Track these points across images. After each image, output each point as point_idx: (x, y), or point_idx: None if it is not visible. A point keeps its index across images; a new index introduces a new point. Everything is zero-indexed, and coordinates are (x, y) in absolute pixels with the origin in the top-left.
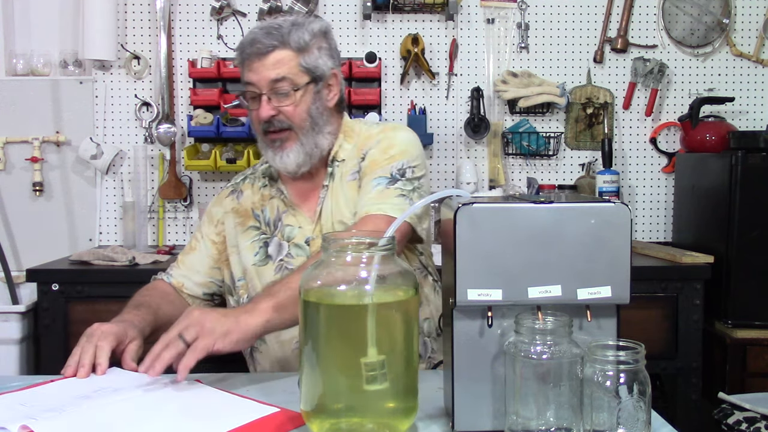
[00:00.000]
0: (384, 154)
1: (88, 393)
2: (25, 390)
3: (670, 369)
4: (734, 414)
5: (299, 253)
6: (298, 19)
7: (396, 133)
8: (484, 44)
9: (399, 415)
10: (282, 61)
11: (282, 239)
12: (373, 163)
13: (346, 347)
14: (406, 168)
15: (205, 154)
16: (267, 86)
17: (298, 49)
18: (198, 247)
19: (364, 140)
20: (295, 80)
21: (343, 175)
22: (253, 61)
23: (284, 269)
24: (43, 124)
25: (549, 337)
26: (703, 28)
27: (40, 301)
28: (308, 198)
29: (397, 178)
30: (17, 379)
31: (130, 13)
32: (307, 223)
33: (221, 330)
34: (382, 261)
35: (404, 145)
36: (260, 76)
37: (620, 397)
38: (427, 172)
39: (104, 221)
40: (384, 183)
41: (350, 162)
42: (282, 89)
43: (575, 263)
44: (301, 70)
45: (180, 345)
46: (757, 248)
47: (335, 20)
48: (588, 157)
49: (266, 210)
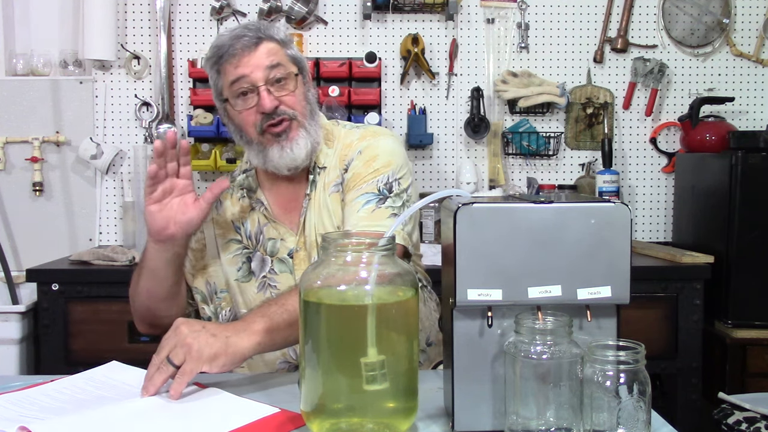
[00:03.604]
0: (367, 167)
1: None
2: (25, 390)
3: (670, 369)
4: (734, 414)
5: (282, 268)
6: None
7: (378, 141)
8: (484, 44)
9: (399, 415)
10: (272, 50)
11: (265, 254)
12: (356, 176)
13: (346, 347)
14: (392, 182)
15: (205, 154)
16: (263, 76)
17: (281, 42)
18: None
19: (345, 148)
20: (288, 68)
21: (325, 185)
22: (242, 56)
23: (267, 286)
24: (43, 124)
25: (549, 337)
26: (703, 28)
27: (40, 301)
28: (290, 208)
29: (385, 194)
30: (17, 379)
31: (130, 13)
32: (289, 235)
33: (209, 353)
34: (382, 261)
35: (387, 156)
36: (254, 66)
37: (620, 397)
38: (412, 176)
39: (104, 221)
40: (373, 201)
41: (332, 172)
42: (280, 76)
43: (575, 263)
44: (289, 59)
45: (169, 369)
46: (757, 248)
47: (335, 20)
48: (588, 157)
49: (247, 223)
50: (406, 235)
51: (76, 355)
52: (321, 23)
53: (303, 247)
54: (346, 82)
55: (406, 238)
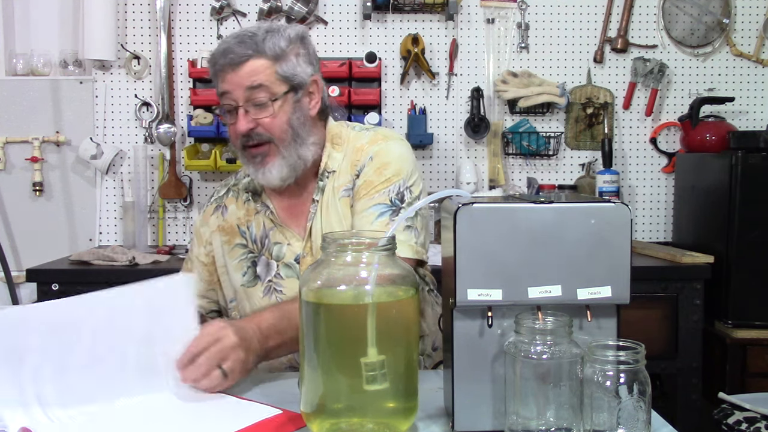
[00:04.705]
0: (379, 175)
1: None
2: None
3: (670, 369)
4: (734, 414)
5: (288, 273)
6: (273, 26)
7: (389, 146)
8: (484, 44)
9: (399, 415)
10: (257, 70)
11: (270, 258)
12: (367, 183)
13: (346, 347)
14: (403, 191)
15: (205, 154)
16: (243, 97)
17: (274, 57)
18: (192, 270)
19: (356, 152)
20: (272, 89)
21: (335, 189)
22: (226, 72)
23: (273, 291)
24: (43, 124)
25: (549, 337)
26: (703, 28)
27: (40, 301)
28: (297, 213)
29: (398, 205)
30: None
31: (130, 13)
32: (296, 240)
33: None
34: (382, 261)
35: (399, 163)
36: (235, 86)
37: (620, 397)
38: (423, 180)
39: (104, 221)
40: (387, 214)
41: (343, 176)
42: (259, 99)
43: (575, 263)
44: (278, 78)
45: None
46: (757, 248)
47: (335, 20)
48: (588, 157)
49: (252, 226)
50: (419, 247)
51: None
52: (321, 23)
53: (310, 252)
54: (346, 82)
55: (420, 251)
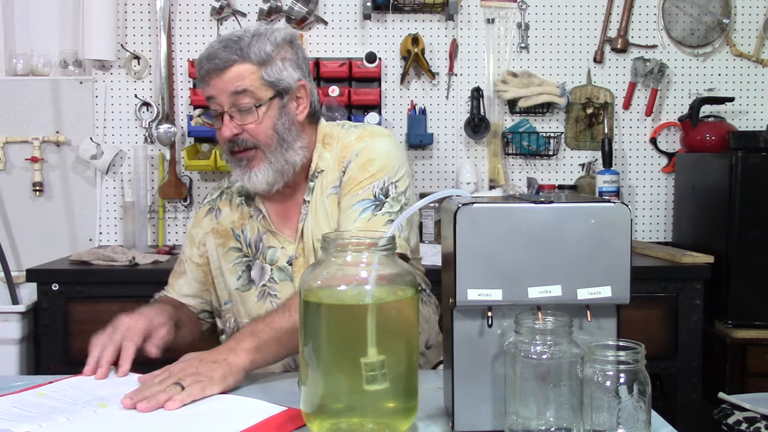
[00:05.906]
0: (363, 171)
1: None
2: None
3: (670, 369)
4: (734, 414)
5: (282, 277)
6: (260, 29)
7: (375, 143)
8: (484, 44)
9: (399, 415)
10: (242, 75)
11: (264, 262)
12: (352, 180)
13: (346, 347)
14: (388, 186)
15: (205, 153)
16: (228, 102)
17: (259, 62)
18: (186, 270)
19: (343, 149)
20: (257, 95)
21: (323, 187)
22: (212, 77)
23: (267, 295)
24: (43, 124)
25: (549, 337)
26: (703, 28)
27: (40, 301)
28: (289, 216)
29: (381, 199)
30: (18, 379)
31: (130, 13)
32: (289, 243)
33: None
34: (382, 261)
35: (384, 159)
36: (219, 91)
37: (620, 397)
38: (411, 177)
39: (104, 221)
40: (370, 209)
41: (330, 174)
42: (244, 105)
43: (575, 263)
44: (263, 83)
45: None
46: (757, 248)
47: (335, 20)
48: (588, 157)
49: (246, 230)
50: (403, 241)
51: (76, 355)
52: (321, 23)
53: (302, 253)
54: (346, 82)
55: (403, 245)
